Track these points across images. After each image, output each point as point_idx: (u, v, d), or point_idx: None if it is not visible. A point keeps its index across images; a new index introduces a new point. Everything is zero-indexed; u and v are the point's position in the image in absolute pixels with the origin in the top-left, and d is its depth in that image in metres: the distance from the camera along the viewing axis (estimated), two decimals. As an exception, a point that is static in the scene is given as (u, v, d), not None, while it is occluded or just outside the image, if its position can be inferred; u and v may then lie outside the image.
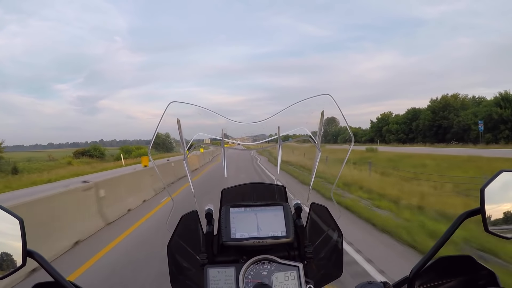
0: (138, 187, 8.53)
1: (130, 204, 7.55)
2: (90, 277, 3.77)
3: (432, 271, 0.79)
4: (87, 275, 3.85)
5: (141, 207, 7.85)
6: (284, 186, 0.99)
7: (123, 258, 4.36)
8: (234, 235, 0.83)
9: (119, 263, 4.17)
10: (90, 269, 4.05)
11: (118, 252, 4.65)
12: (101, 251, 4.67)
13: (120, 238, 5.34)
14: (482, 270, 0.75)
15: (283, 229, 0.85)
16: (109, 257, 4.44)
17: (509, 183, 0.74)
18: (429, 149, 29.29)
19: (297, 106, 0.89)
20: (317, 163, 0.97)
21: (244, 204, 0.89)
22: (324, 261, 0.93)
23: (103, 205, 6.32)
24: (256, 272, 0.80)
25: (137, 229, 5.87)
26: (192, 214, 0.91)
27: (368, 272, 3.64)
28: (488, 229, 0.71)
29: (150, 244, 4.91)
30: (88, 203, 5.90)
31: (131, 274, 3.77)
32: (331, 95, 0.87)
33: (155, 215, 6.95)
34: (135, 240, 5.27)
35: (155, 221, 6.33)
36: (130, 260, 4.24)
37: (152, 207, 7.72)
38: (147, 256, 4.30)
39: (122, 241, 5.17)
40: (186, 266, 0.90)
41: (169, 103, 0.85)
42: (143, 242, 5.10)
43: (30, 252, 0.66)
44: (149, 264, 3.95)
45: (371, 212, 6.35)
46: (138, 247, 4.84)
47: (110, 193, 6.71)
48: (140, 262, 4.13)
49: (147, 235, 5.44)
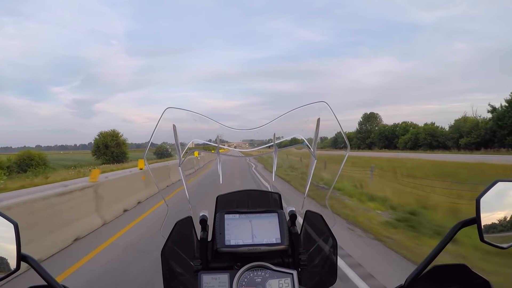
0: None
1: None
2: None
3: (427, 280, 0.79)
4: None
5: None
6: (279, 193, 0.99)
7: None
8: (229, 242, 0.83)
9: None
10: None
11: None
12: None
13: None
14: (477, 278, 0.75)
15: (278, 236, 0.84)
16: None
17: (504, 193, 0.74)
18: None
19: (293, 113, 0.90)
20: (313, 170, 0.97)
21: (239, 211, 0.89)
22: (318, 268, 0.93)
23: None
24: (250, 279, 0.80)
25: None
26: (186, 220, 0.91)
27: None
28: (484, 239, 0.71)
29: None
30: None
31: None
32: (327, 103, 0.87)
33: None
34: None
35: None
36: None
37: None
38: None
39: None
40: (180, 272, 0.89)
41: (165, 109, 0.86)
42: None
43: (24, 256, 0.66)
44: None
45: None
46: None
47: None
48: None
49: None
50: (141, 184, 8.89)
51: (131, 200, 7.75)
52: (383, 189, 8.63)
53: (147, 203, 8.20)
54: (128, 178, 8.30)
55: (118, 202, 7.01)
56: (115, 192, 7.02)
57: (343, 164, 0.94)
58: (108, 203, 6.51)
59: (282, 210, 0.90)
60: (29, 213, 4.26)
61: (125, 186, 7.79)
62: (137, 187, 8.55)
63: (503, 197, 0.74)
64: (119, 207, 6.96)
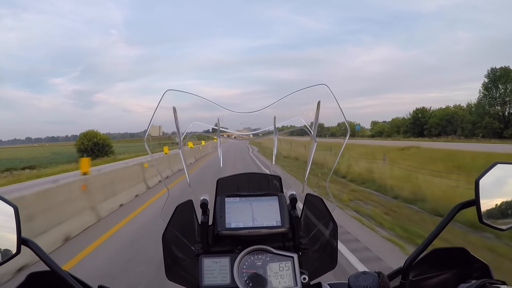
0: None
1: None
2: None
3: (426, 262, 0.79)
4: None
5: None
6: (279, 176, 0.99)
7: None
8: (229, 224, 0.83)
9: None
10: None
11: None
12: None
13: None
14: (476, 262, 0.75)
15: (278, 219, 0.85)
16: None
17: (503, 175, 0.74)
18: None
19: (293, 97, 0.89)
20: (313, 153, 0.97)
21: (239, 194, 0.89)
22: (318, 252, 0.93)
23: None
24: (250, 262, 0.81)
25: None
26: (187, 204, 0.91)
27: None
28: (483, 220, 0.72)
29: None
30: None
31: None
32: (327, 85, 0.87)
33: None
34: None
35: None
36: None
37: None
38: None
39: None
40: (181, 256, 0.90)
41: (165, 91, 0.85)
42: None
43: (25, 240, 0.66)
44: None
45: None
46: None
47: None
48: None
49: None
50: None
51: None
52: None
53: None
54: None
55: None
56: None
57: (343, 147, 0.94)
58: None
59: (282, 193, 0.91)
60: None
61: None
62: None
63: (502, 179, 0.75)
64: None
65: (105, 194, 6.57)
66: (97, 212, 5.98)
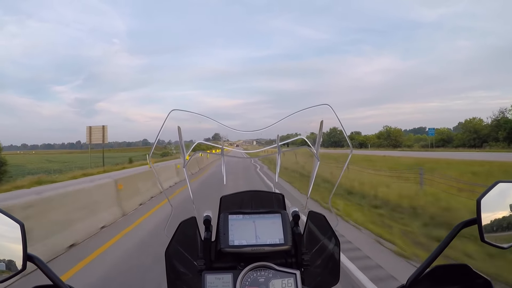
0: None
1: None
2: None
3: (429, 279, 0.79)
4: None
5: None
6: (282, 194, 0.99)
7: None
8: (233, 242, 0.84)
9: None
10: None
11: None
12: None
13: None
14: (478, 278, 0.75)
15: (281, 236, 0.85)
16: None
17: (505, 194, 0.75)
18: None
19: (296, 115, 0.91)
20: (316, 171, 0.98)
21: (243, 212, 0.90)
22: (321, 268, 0.93)
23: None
24: (253, 279, 0.81)
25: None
26: (190, 220, 0.92)
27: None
28: (484, 239, 0.72)
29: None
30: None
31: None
32: (330, 105, 0.88)
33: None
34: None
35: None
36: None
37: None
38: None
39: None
40: (184, 272, 0.90)
41: (170, 111, 0.87)
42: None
43: (30, 256, 0.67)
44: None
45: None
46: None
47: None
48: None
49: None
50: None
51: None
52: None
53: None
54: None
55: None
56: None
57: (347, 163, 0.95)
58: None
59: (285, 211, 0.91)
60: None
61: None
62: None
63: (504, 198, 0.75)
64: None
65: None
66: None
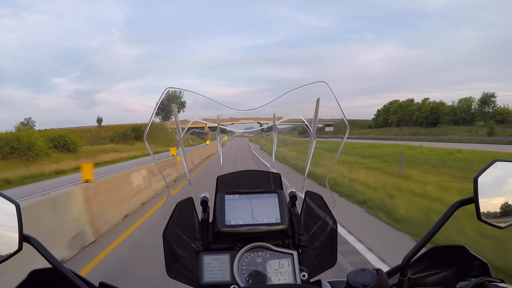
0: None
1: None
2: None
3: (425, 260, 0.79)
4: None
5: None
6: (279, 173, 0.99)
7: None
8: (229, 222, 0.83)
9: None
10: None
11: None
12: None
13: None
14: (475, 260, 0.75)
15: (278, 216, 0.85)
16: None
17: (502, 173, 0.74)
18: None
19: (293, 95, 0.89)
20: (312, 150, 0.97)
21: (239, 192, 0.89)
22: (318, 249, 0.94)
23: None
24: (250, 260, 0.81)
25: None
26: (187, 201, 0.92)
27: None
28: (481, 218, 0.72)
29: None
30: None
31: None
32: (326, 83, 0.87)
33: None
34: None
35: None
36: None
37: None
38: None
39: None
40: (181, 254, 0.90)
41: (165, 89, 0.85)
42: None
43: (26, 237, 0.66)
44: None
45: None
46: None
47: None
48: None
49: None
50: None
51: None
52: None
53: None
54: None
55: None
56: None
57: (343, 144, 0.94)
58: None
59: (282, 191, 0.91)
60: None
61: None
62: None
63: (501, 177, 0.75)
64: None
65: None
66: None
